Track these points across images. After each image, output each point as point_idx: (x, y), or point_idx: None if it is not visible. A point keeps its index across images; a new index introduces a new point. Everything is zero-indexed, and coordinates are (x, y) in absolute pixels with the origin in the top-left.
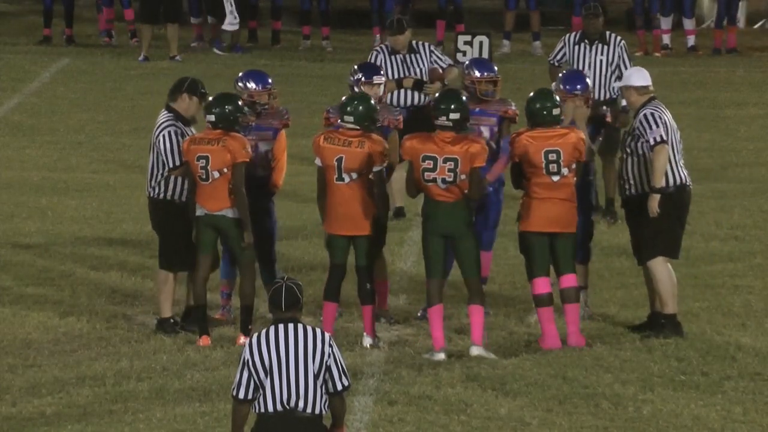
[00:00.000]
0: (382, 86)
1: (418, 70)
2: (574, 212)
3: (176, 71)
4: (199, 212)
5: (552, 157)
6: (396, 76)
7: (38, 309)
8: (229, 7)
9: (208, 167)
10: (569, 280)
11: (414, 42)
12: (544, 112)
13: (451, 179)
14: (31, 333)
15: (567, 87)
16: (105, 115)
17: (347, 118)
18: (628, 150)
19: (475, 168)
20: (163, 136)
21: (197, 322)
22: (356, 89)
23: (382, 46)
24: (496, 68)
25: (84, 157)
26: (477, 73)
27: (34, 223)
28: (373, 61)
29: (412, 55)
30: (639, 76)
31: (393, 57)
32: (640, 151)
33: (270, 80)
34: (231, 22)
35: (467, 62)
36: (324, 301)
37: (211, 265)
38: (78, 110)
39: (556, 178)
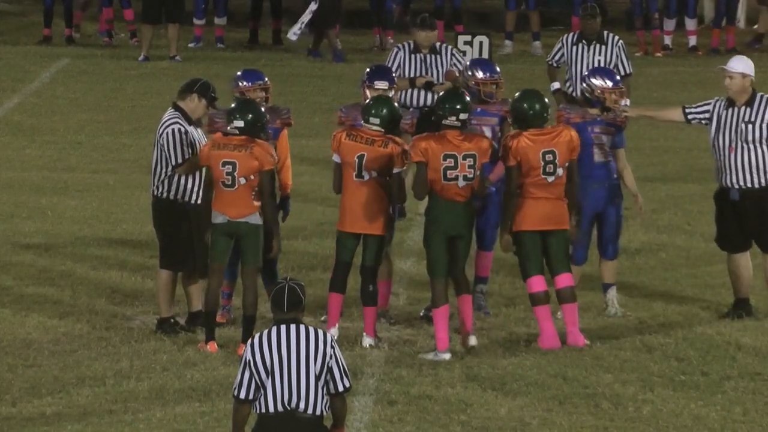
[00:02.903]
0: (390, 92)
1: (435, 72)
2: (566, 209)
3: (176, 71)
4: (219, 219)
5: (549, 157)
6: (412, 75)
7: (38, 309)
8: (306, 18)
9: (235, 173)
10: (565, 280)
11: (437, 43)
12: (542, 114)
13: (471, 176)
14: (31, 333)
15: (609, 82)
16: (105, 115)
17: (373, 120)
18: (749, 139)
19: (483, 164)
20: (167, 133)
21: (206, 328)
22: (360, 90)
23: (405, 43)
24: (498, 69)
25: (84, 157)
26: (481, 74)
27: (34, 223)
28: (392, 57)
29: (434, 56)
30: (751, 66)
31: (413, 56)
32: (767, 142)
33: (262, 77)
34: (295, 32)
35: (469, 63)
36: (329, 293)
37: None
38: (78, 110)
39: (551, 179)
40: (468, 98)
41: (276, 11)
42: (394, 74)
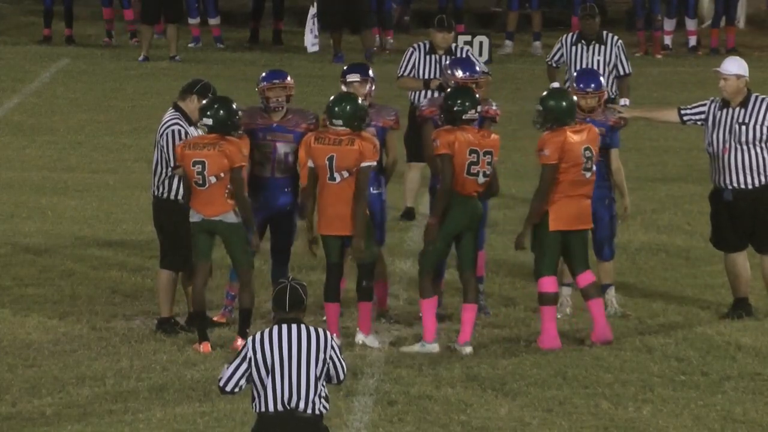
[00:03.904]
0: (366, 85)
1: None
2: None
3: (176, 71)
4: (195, 218)
5: (587, 153)
6: (427, 76)
7: (38, 309)
8: (311, 25)
9: (205, 173)
10: (589, 277)
11: (454, 45)
12: (574, 109)
13: (488, 173)
14: (31, 333)
15: (580, 85)
16: (105, 115)
17: (336, 121)
18: (743, 141)
19: (496, 160)
20: (167, 134)
21: (197, 329)
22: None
23: (421, 43)
24: (478, 68)
25: (84, 157)
26: (460, 74)
27: (34, 223)
28: (407, 58)
29: (449, 57)
30: (745, 67)
31: (429, 56)
32: (763, 142)
33: (280, 76)
34: (312, 42)
35: (449, 62)
36: (325, 303)
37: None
38: (78, 110)
39: (588, 174)
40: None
41: (278, 11)
42: (408, 73)
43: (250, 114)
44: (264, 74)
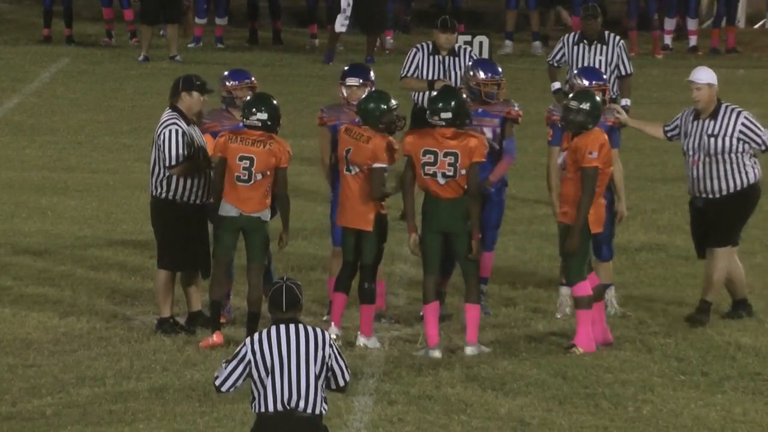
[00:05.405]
0: (365, 89)
1: (454, 74)
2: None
3: (176, 71)
4: (232, 212)
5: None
6: (431, 77)
7: (38, 309)
8: (344, 5)
9: (252, 169)
10: (594, 279)
11: (457, 46)
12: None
13: (451, 173)
14: (31, 333)
15: (585, 81)
16: (105, 115)
17: (360, 118)
18: (712, 152)
19: (474, 163)
20: (164, 134)
21: (211, 319)
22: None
23: (424, 44)
24: (500, 70)
25: (84, 157)
26: (482, 75)
27: (34, 223)
28: (411, 58)
29: (453, 58)
30: (715, 76)
31: (432, 57)
32: (732, 152)
33: (249, 76)
34: (342, 23)
35: (471, 63)
36: (334, 292)
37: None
38: (78, 110)
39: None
40: (460, 97)
41: (274, 11)
42: (412, 73)
43: (215, 116)
44: (229, 73)
